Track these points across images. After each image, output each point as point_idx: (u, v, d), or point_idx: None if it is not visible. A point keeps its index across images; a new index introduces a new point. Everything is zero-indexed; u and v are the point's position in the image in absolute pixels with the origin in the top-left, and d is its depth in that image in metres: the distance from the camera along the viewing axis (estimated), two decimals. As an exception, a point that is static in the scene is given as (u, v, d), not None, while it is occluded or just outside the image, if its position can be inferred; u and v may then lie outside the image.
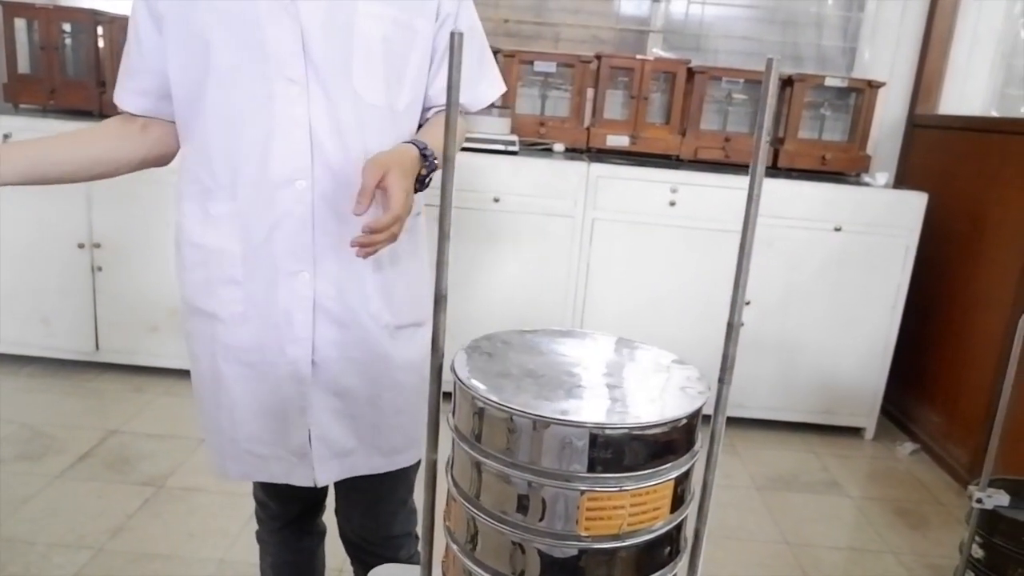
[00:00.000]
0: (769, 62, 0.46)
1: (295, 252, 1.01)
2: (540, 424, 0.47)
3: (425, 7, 1.03)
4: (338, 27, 0.97)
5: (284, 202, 0.99)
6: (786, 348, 2.72)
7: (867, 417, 2.81)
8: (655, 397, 0.53)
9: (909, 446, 2.76)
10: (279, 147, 0.97)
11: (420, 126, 1.10)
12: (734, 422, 2.77)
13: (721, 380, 0.53)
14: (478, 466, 0.51)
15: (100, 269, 2.72)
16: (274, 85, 0.96)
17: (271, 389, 1.06)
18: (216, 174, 1.00)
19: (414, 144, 0.99)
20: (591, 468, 0.47)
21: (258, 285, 1.02)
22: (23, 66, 2.81)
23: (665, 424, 0.48)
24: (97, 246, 2.70)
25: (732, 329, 0.52)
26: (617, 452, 0.47)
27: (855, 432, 2.84)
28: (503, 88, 1.18)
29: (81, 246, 2.70)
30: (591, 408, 0.49)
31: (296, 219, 1.00)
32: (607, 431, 0.47)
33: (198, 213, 1.04)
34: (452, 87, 0.42)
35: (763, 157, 0.48)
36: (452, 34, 0.43)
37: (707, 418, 0.52)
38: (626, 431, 0.47)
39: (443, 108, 1.09)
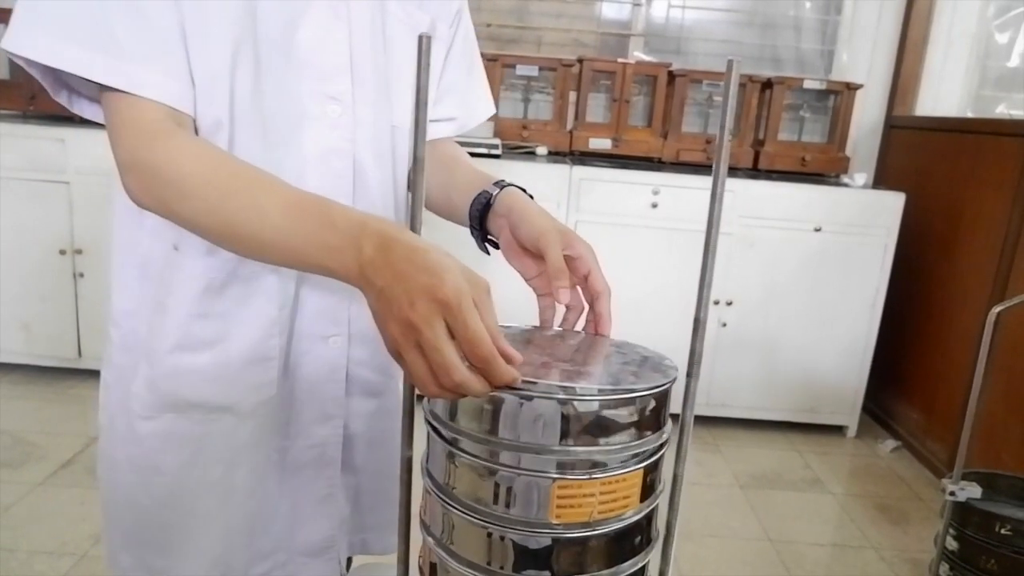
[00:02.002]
0: (729, 63, 0.48)
1: (329, 312, 0.80)
2: (511, 412, 0.48)
3: (446, 10, 0.86)
4: (377, 34, 0.78)
5: None
6: (768, 348, 2.75)
7: (849, 415, 2.84)
8: (624, 378, 0.54)
9: (890, 443, 2.79)
10: (317, 183, 0.74)
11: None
12: (717, 421, 2.79)
13: (689, 375, 0.55)
14: (451, 459, 0.52)
15: (82, 275, 2.71)
16: (306, 103, 0.74)
17: (279, 481, 0.84)
18: None
19: (515, 187, 0.81)
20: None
21: (286, 358, 0.80)
22: (2, 72, 2.79)
23: (633, 397, 0.49)
24: (79, 252, 2.68)
25: (698, 324, 0.54)
26: (587, 429, 0.48)
27: (837, 430, 2.87)
28: (492, 108, 0.99)
29: (63, 252, 2.68)
30: (561, 393, 0.50)
31: None
32: (576, 404, 0.48)
33: (214, 269, 0.74)
34: (420, 88, 0.44)
35: (725, 156, 0.49)
36: (420, 37, 0.45)
37: (678, 416, 0.54)
38: (595, 408, 0.48)
39: (444, 137, 0.93)
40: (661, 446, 0.54)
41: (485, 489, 0.50)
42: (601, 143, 2.85)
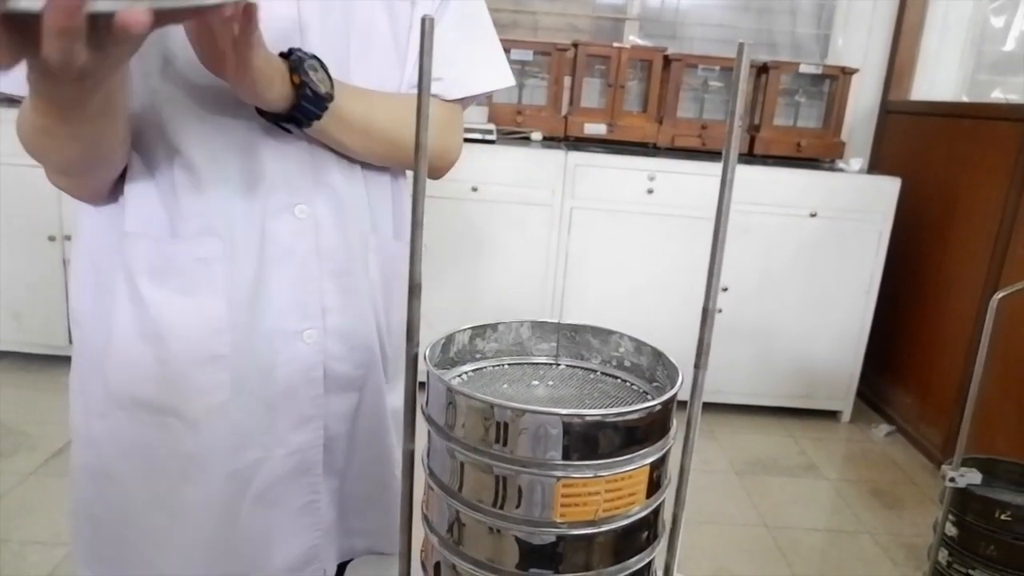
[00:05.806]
0: (741, 46, 0.46)
1: (300, 304, 0.75)
2: (514, 413, 0.47)
3: None
4: (333, 10, 0.72)
5: (281, 237, 0.72)
6: (763, 333, 2.75)
7: (843, 400, 2.85)
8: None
9: (884, 428, 2.80)
10: (271, 166, 0.71)
11: None
12: (712, 407, 2.80)
13: (697, 366, 0.54)
14: (454, 455, 0.50)
15: (71, 262, 2.67)
16: None
17: (252, 499, 0.77)
18: (195, 196, 0.70)
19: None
20: (566, 455, 0.47)
21: (248, 358, 0.73)
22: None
23: (638, 411, 0.48)
24: (68, 238, 2.65)
25: (707, 314, 0.52)
26: (591, 439, 0.47)
27: (832, 415, 2.88)
28: (508, 80, 0.92)
29: (52, 239, 2.65)
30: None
31: (298, 259, 0.74)
32: (581, 418, 0.47)
33: (154, 259, 0.70)
34: (423, 73, 0.42)
35: (736, 141, 0.48)
36: (423, 18, 0.43)
37: (684, 403, 0.53)
38: (599, 418, 0.47)
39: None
40: (666, 443, 0.53)
41: (487, 487, 0.49)
42: (596, 128, 2.83)
